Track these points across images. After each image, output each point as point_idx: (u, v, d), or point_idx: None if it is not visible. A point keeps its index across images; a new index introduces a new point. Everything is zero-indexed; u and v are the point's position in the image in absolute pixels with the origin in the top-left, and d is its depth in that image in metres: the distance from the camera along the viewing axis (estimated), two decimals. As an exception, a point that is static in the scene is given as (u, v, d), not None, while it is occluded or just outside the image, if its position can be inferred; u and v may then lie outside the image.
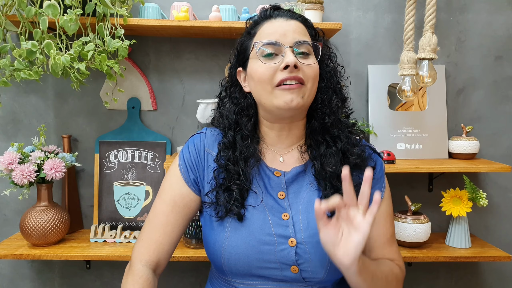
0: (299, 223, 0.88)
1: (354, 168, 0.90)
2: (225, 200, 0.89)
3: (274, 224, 0.87)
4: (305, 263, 0.85)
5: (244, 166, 0.90)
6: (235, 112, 0.94)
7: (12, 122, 1.55)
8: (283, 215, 0.88)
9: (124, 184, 1.54)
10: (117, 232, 1.46)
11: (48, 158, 1.36)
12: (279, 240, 0.86)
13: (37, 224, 1.35)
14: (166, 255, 0.93)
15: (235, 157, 0.90)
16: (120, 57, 1.30)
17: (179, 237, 0.95)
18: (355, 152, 0.91)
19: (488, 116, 1.60)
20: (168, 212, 0.93)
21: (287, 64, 0.84)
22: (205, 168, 0.94)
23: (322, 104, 0.92)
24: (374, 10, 1.56)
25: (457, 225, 1.47)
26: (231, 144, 0.92)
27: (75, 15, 1.21)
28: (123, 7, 1.33)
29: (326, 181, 0.90)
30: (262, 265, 0.86)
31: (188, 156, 0.95)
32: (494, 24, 1.57)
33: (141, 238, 0.94)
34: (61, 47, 1.28)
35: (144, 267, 0.90)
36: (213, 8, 1.38)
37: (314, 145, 0.94)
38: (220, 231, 0.89)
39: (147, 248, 0.91)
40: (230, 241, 0.87)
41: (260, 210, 0.89)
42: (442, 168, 1.40)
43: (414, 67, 1.38)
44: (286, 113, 0.88)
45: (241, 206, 0.88)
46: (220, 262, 0.88)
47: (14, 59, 1.28)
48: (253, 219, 0.88)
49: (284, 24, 0.89)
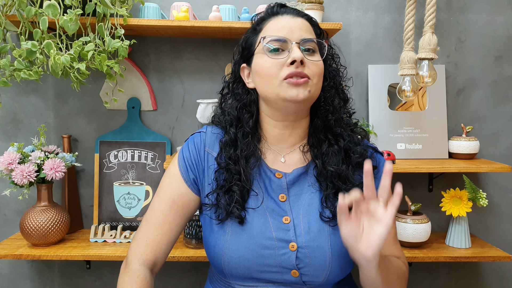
0: (300, 226, 0.87)
1: (356, 167, 0.90)
2: (226, 203, 0.88)
3: (275, 228, 0.87)
4: (306, 267, 0.85)
5: (245, 166, 0.89)
6: (237, 108, 0.93)
7: (12, 122, 1.55)
8: (284, 218, 0.88)
9: (124, 184, 1.54)
10: (117, 232, 1.46)
11: (48, 158, 1.36)
12: (280, 244, 0.85)
13: (37, 224, 1.35)
14: (164, 254, 0.93)
15: (236, 156, 0.90)
16: (120, 57, 1.30)
17: (177, 236, 0.94)
18: (357, 151, 0.91)
19: (488, 116, 1.60)
20: (166, 211, 0.92)
21: (294, 59, 0.84)
22: (205, 169, 0.93)
23: (325, 102, 0.93)
24: (374, 10, 1.56)
25: (457, 225, 1.47)
26: (232, 142, 0.92)
27: (75, 15, 1.21)
28: (123, 7, 1.33)
29: (327, 181, 0.90)
30: (263, 268, 0.86)
31: (188, 155, 0.94)
32: (494, 24, 1.57)
33: (138, 236, 0.93)
34: (61, 47, 1.28)
35: (142, 266, 0.90)
36: (213, 8, 1.38)
37: (317, 143, 0.93)
38: (220, 234, 0.88)
39: (145, 247, 0.91)
40: (230, 245, 0.86)
41: (261, 213, 0.88)
42: (442, 168, 1.40)
43: (414, 67, 1.38)
44: (292, 106, 0.87)
45: (242, 208, 0.88)
46: (221, 264, 0.88)
47: (14, 59, 1.28)
48: (254, 223, 0.87)
49: (291, 21, 0.89)
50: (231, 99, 0.97)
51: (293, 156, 0.94)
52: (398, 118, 1.55)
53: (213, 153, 0.94)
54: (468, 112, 1.59)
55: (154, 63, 1.56)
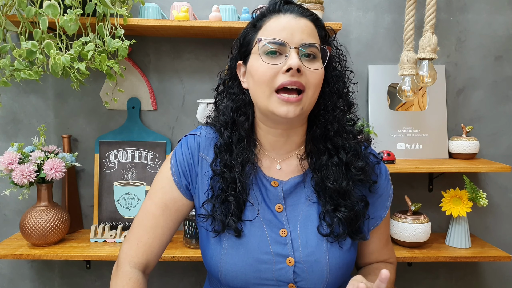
0: (298, 240, 0.85)
1: (357, 181, 0.87)
2: (222, 214, 0.85)
3: (272, 241, 0.84)
4: (303, 281, 0.84)
5: (240, 174, 0.85)
6: (232, 110, 0.88)
7: (12, 122, 1.55)
8: (281, 231, 0.85)
9: (124, 184, 1.54)
10: (117, 232, 1.46)
11: (48, 158, 1.36)
12: (277, 259, 0.84)
13: (37, 224, 1.35)
14: (155, 257, 0.91)
15: (231, 162, 0.86)
16: (120, 57, 1.30)
17: (169, 239, 0.92)
18: (358, 167, 0.86)
19: (488, 116, 1.59)
20: (158, 215, 0.90)
21: (289, 67, 0.78)
22: (199, 175, 0.90)
23: (325, 110, 0.86)
24: (374, 10, 1.56)
25: (457, 225, 1.47)
26: (227, 146, 0.87)
27: (75, 15, 1.21)
28: (123, 7, 1.33)
29: (326, 196, 0.86)
30: (260, 282, 0.84)
31: (182, 159, 0.90)
32: (494, 24, 1.57)
33: (129, 238, 0.91)
34: (61, 47, 1.28)
35: (133, 269, 0.88)
36: (213, 8, 1.38)
37: (315, 152, 0.88)
38: (217, 247, 0.86)
39: (136, 250, 0.89)
40: (227, 259, 0.85)
41: (258, 225, 0.85)
42: (442, 168, 1.40)
43: (414, 67, 1.38)
44: (282, 121, 0.83)
45: (239, 220, 0.85)
46: (218, 275, 0.87)
47: (14, 59, 1.28)
48: (251, 236, 0.85)
49: (293, 22, 0.81)
50: (226, 99, 0.91)
51: (290, 163, 0.90)
52: (398, 118, 1.55)
53: (207, 158, 0.90)
54: (468, 112, 1.59)
55: (154, 63, 1.56)
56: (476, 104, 1.59)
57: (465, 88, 1.59)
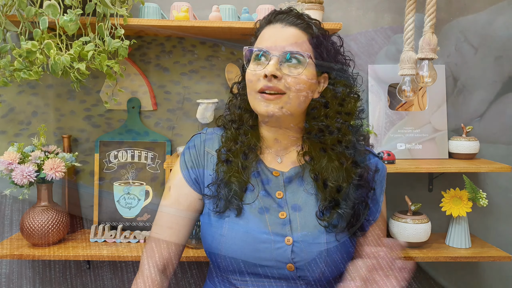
0: (296, 221, 0.89)
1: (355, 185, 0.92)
2: (225, 193, 0.91)
3: (271, 222, 0.89)
4: (301, 261, 0.87)
5: (244, 160, 0.93)
6: (240, 107, 0.98)
7: (12, 122, 1.55)
8: (280, 213, 0.90)
9: (124, 184, 1.54)
10: (117, 232, 1.46)
11: (48, 158, 1.36)
12: (276, 238, 0.88)
13: (37, 224, 1.35)
14: (174, 256, 0.95)
15: (236, 149, 0.93)
16: (120, 57, 1.30)
17: (187, 237, 0.97)
18: (358, 173, 0.92)
19: (488, 116, 1.59)
20: (173, 213, 0.95)
21: (265, 74, 0.86)
22: (205, 164, 0.97)
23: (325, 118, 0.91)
24: (374, 10, 1.56)
25: (457, 225, 1.46)
26: (233, 137, 0.95)
27: (75, 15, 1.21)
28: (123, 7, 1.33)
29: (325, 194, 0.90)
30: (259, 262, 0.87)
31: (189, 156, 0.98)
32: (494, 24, 1.57)
33: (149, 240, 0.97)
34: (61, 47, 1.28)
35: (153, 269, 0.92)
36: (213, 8, 1.38)
37: (315, 156, 0.93)
38: (218, 227, 0.90)
39: (154, 250, 0.94)
40: (227, 239, 0.89)
41: (258, 208, 0.90)
42: (442, 168, 1.40)
43: (414, 67, 1.38)
44: (267, 119, 0.91)
45: (240, 199, 0.90)
46: (218, 258, 0.90)
47: (14, 59, 1.28)
48: (251, 217, 0.90)
49: (279, 31, 0.89)
50: (236, 99, 1.00)
51: (290, 156, 0.97)
52: (398, 118, 1.55)
53: (212, 152, 0.97)
54: (468, 112, 1.59)
55: (154, 63, 1.56)
56: (476, 104, 1.59)
57: (465, 88, 1.59)
